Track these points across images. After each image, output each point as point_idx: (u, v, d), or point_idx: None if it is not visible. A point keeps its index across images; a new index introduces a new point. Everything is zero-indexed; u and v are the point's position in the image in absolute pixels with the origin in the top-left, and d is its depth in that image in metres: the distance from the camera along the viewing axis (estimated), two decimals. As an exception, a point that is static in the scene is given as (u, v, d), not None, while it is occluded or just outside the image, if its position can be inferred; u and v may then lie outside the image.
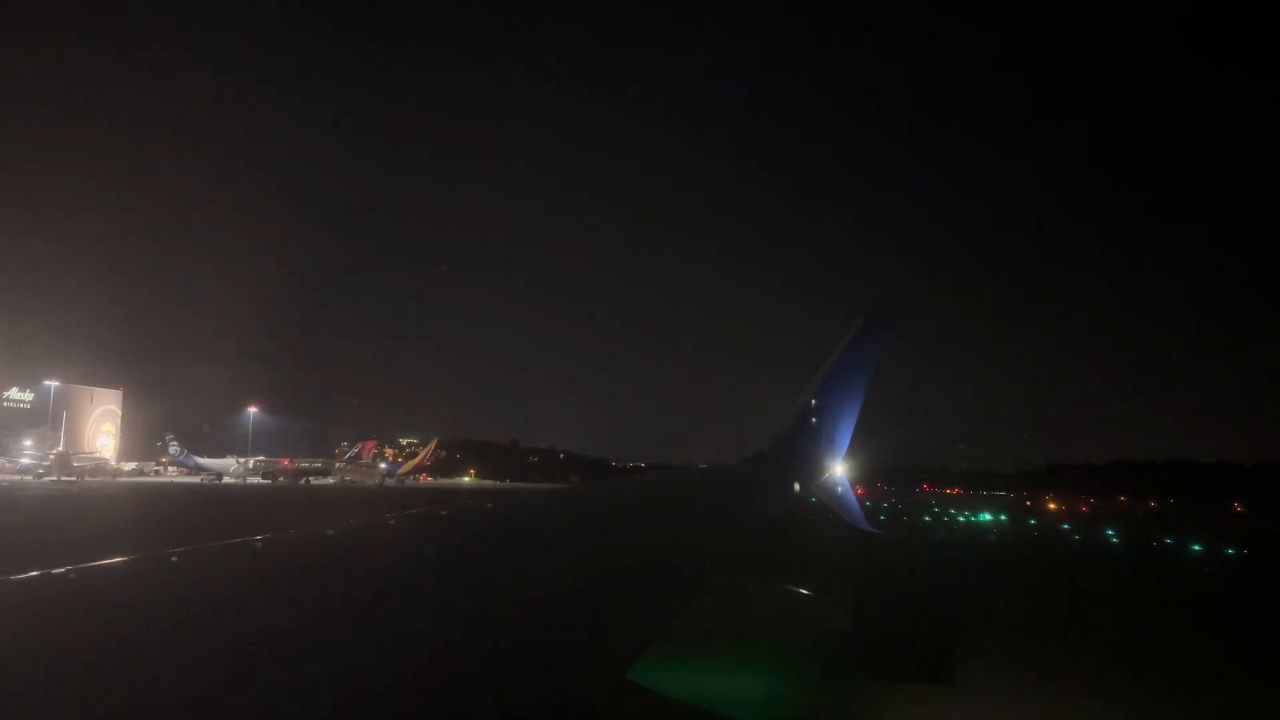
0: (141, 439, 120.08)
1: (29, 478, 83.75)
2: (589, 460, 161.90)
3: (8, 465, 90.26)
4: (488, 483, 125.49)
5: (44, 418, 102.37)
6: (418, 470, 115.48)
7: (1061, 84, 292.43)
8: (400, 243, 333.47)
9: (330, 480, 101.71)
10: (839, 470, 16.04)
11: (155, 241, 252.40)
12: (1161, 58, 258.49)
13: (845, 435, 16.10)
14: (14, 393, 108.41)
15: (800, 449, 15.04)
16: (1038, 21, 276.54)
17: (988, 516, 60.65)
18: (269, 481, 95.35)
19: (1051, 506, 76.34)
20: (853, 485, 16.79)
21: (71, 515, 42.37)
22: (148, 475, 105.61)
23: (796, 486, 13.59)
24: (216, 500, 60.16)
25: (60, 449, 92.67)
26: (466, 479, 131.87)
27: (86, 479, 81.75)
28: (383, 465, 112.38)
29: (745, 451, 16.03)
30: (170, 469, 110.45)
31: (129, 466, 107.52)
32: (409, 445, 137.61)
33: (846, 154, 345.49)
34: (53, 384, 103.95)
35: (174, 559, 2.74)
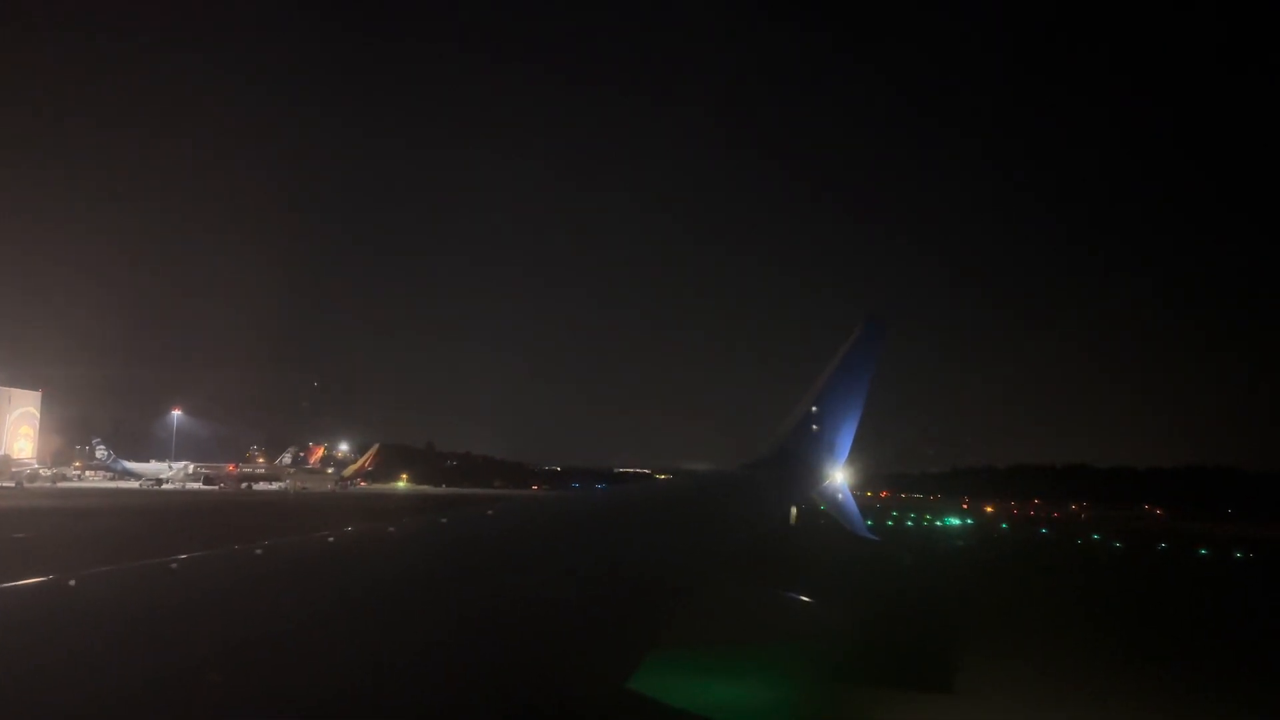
0: (57, 443, 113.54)
1: (-37, 483, 78.90)
2: (508, 465, 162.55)
3: None
4: (425, 488, 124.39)
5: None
6: (358, 475, 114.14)
7: (1071, 78, 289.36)
8: (319, 241, 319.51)
9: (276, 486, 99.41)
10: (839, 477, 15.78)
11: (74, 242, 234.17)
12: (1173, 50, 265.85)
13: (846, 442, 15.86)
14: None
15: (800, 455, 14.76)
16: (1046, 14, 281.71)
17: (955, 521, 64.21)
18: (215, 487, 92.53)
19: (989, 509, 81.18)
20: (852, 492, 16.53)
21: (83, 524, 41.79)
22: (71, 480, 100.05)
23: (793, 509, 13.50)
24: (190, 507, 58.81)
25: (3, 453, 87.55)
26: (401, 484, 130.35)
27: (25, 484, 77.84)
28: (330, 470, 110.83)
29: (730, 459, 15.97)
30: (88, 473, 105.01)
31: (46, 472, 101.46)
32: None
33: (840, 153, 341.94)
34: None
35: (258, 551, 3.22)
